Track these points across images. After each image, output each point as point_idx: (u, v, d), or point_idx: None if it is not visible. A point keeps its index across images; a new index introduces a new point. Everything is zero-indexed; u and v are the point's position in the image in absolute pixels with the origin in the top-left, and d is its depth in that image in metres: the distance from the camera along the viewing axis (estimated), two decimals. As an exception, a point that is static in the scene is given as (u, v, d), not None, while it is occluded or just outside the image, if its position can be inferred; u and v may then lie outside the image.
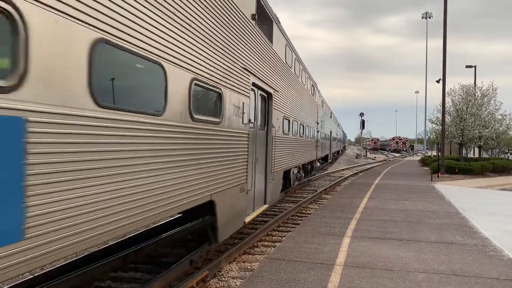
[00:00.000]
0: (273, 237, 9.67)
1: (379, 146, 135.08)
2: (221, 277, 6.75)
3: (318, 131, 22.05)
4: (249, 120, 8.32)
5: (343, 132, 69.98)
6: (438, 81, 32.71)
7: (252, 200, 8.98)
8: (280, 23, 11.42)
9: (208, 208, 6.45)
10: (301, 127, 15.89)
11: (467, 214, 11.39)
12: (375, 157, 68.73)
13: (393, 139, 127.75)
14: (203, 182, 5.97)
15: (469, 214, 11.48)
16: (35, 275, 5.48)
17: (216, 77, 6.30)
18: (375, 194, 15.47)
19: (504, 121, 33.34)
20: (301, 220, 11.18)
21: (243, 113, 7.81)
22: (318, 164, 24.48)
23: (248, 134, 8.21)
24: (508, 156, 44.47)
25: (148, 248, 7.75)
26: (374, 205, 12.69)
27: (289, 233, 9.32)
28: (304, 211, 13.24)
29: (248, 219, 8.39)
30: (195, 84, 5.57)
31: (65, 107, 3.20)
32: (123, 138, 3.98)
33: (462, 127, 31.11)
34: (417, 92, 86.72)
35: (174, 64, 4.95)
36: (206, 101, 6.29)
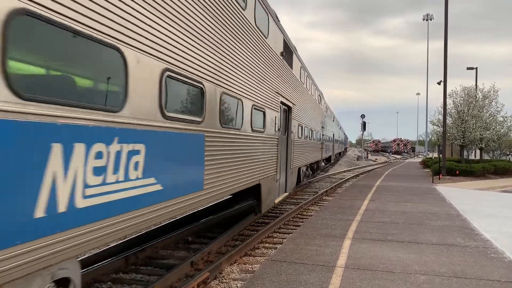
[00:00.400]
0: (274, 239, 9.67)
1: (380, 148, 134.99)
2: (222, 279, 6.75)
3: (322, 135, 24.90)
4: (278, 129, 11.32)
5: (345, 134, 73.46)
6: (439, 83, 32.75)
7: (279, 188, 11.92)
8: (296, 50, 14.55)
9: (256, 190, 9.48)
10: (310, 131, 18.69)
11: (468, 216, 11.37)
12: (376, 159, 68.64)
13: (394, 141, 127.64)
14: (257, 171, 9.15)
15: (470, 216, 11.46)
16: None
17: (262, 102, 9.53)
18: (376, 196, 15.46)
19: (506, 123, 33.29)
20: (302, 222, 11.17)
21: (275, 123, 10.92)
22: (323, 163, 27.46)
23: (277, 138, 11.22)
24: (509, 158, 44.41)
25: (149, 250, 7.76)
26: (375, 207, 12.68)
27: (290, 235, 9.31)
28: (305, 212, 13.23)
29: (276, 200, 11.53)
30: (254, 108, 8.80)
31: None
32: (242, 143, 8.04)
33: (463, 129, 31.07)
34: (418, 94, 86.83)
35: (247, 99, 8.23)
36: (257, 118, 9.24)
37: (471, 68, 38.48)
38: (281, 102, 11.65)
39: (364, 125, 56.02)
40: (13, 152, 2.82)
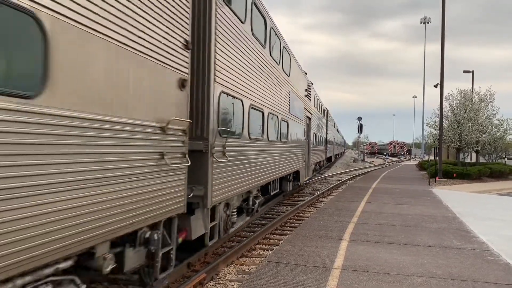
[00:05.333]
0: (271, 240, 9.66)
1: (376, 150, 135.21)
2: (218, 280, 6.74)
3: (326, 139, 31.12)
4: (306, 137, 18.03)
5: (343, 138, 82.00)
6: (436, 86, 32.79)
7: (306, 174, 18.69)
8: (312, 84, 21.64)
9: (296, 174, 15.90)
10: (318, 136, 24.77)
11: (464, 219, 11.41)
12: (372, 161, 68.75)
13: (390, 143, 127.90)
14: (299, 162, 15.43)
15: (467, 218, 11.50)
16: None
17: (301, 118, 16.12)
18: (372, 198, 15.48)
19: (502, 126, 33.45)
20: (299, 224, 11.17)
21: (304, 132, 17.32)
22: (325, 161, 35.05)
23: (305, 142, 17.78)
24: (505, 161, 44.59)
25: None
26: (372, 209, 12.69)
27: (287, 236, 9.31)
28: (301, 214, 13.23)
29: (302, 181, 17.68)
30: (293, 121, 14.90)
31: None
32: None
33: (459, 132, 31.19)
34: (415, 96, 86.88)
35: (293, 121, 14.63)
36: (298, 131, 15.91)
37: (468, 72, 38.64)
38: (307, 116, 18.50)
39: (360, 128, 56.14)
40: None
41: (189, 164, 5.50)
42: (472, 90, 34.58)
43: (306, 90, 17.64)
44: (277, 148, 11.51)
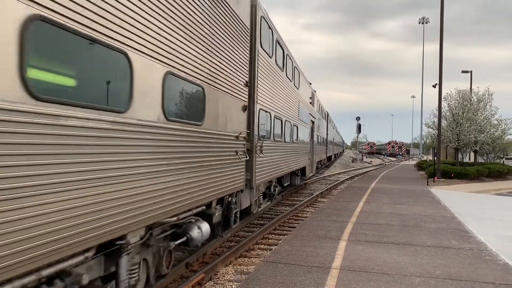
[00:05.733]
0: (269, 240, 9.66)
1: (375, 150, 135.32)
2: (217, 280, 6.74)
3: (327, 140, 33.58)
4: (310, 138, 20.47)
5: (342, 138, 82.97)
6: (434, 86, 32.83)
7: (311, 169, 21.32)
8: (315, 91, 24.31)
9: (302, 170, 18.34)
10: (320, 138, 27.01)
11: (463, 219, 11.42)
12: (371, 161, 68.83)
13: (389, 143, 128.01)
14: (305, 160, 18.13)
15: (465, 218, 11.51)
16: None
17: (306, 123, 18.76)
18: (371, 198, 15.49)
19: (500, 126, 33.47)
20: (298, 224, 11.17)
21: (309, 134, 19.93)
22: (326, 160, 37.06)
23: (310, 143, 20.38)
24: (503, 161, 44.62)
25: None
26: (370, 209, 12.70)
27: (286, 236, 9.31)
28: (300, 214, 13.23)
29: (308, 176, 20.31)
30: (313, 127, 21.30)
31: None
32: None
33: (458, 132, 31.21)
34: (413, 96, 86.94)
35: (300, 124, 16.87)
36: (305, 133, 18.50)
37: (466, 72, 38.71)
38: (311, 120, 20.88)
39: (359, 127, 56.23)
40: None
41: (248, 158, 8.38)
42: (471, 90, 34.61)
43: (310, 98, 20.84)
44: (290, 148, 14.17)
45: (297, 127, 15.65)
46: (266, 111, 10.18)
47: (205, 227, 6.11)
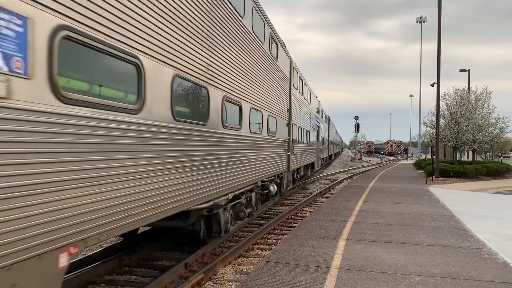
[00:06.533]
0: (269, 240, 9.65)
1: (373, 150, 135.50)
2: (216, 280, 6.72)
3: (328, 140, 38.18)
4: (317, 139, 26.01)
5: (341, 138, 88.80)
6: (432, 85, 32.91)
7: (318, 164, 27.68)
8: (320, 102, 29.82)
9: (312, 164, 24.35)
10: (323, 139, 31.94)
11: (461, 217, 11.43)
12: (369, 160, 68.88)
13: (387, 142, 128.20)
14: (314, 156, 24.40)
15: (464, 217, 11.52)
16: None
17: (315, 128, 24.99)
18: (370, 197, 15.50)
19: (498, 125, 33.51)
20: (297, 223, 11.17)
21: (316, 136, 25.53)
22: (328, 158, 41.45)
23: (317, 143, 25.91)
24: (501, 160, 44.69)
25: (143, 251, 7.71)
26: (369, 208, 12.71)
27: (285, 236, 9.30)
28: (299, 214, 13.23)
29: (316, 169, 27.34)
30: (318, 131, 27.09)
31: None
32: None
33: (456, 131, 31.24)
34: (411, 95, 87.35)
35: (311, 129, 23.34)
36: (313, 136, 24.02)
37: (464, 70, 38.74)
38: (317, 126, 26.09)
39: (357, 127, 56.24)
40: None
41: (289, 153, 14.69)
42: (469, 89, 34.66)
43: (317, 108, 27.04)
44: (307, 147, 20.55)
45: (309, 132, 21.50)
46: (294, 124, 16.14)
47: (274, 186, 12.44)
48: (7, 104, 2.91)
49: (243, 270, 7.30)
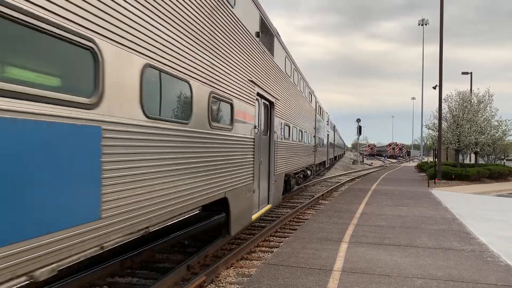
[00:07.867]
0: (271, 243, 9.64)
1: (375, 152, 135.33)
2: (218, 283, 6.72)
3: (334, 144, 43.91)
4: (327, 145, 33.27)
5: (343, 141, 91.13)
6: (434, 87, 32.85)
7: (327, 163, 36.18)
8: (329, 115, 38.42)
9: (324, 162, 31.73)
10: (330, 143, 36.28)
11: (464, 220, 11.40)
12: (371, 163, 68.82)
13: (389, 145, 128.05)
14: (324, 157, 31.38)
15: (466, 220, 11.49)
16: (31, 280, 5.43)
17: (325, 135, 32.32)
18: (372, 200, 15.48)
19: (500, 127, 33.46)
20: (299, 226, 11.16)
21: (327, 142, 33.82)
22: (333, 158, 46.00)
23: (327, 147, 33.13)
24: (504, 162, 44.60)
25: (145, 253, 7.72)
26: (371, 211, 12.69)
27: (287, 238, 9.30)
28: (301, 216, 13.22)
29: (326, 166, 35.51)
30: (328, 136, 35.31)
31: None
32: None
33: (458, 133, 31.22)
34: (413, 98, 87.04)
35: (323, 136, 31.31)
36: (325, 141, 32.56)
37: (466, 73, 38.75)
38: (327, 134, 33.32)
39: (359, 129, 56.23)
40: None
41: (314, 154, 22.58)
42: (471, 92, 34.63)
43: (327, 121, 33.33)
44: (323, 150, 28.00)
45: (323, 140, 28.56)
46: (316, 136, 22.73)
47: (309, 172, 19.96)
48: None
49: (245, 272, 7.29)
